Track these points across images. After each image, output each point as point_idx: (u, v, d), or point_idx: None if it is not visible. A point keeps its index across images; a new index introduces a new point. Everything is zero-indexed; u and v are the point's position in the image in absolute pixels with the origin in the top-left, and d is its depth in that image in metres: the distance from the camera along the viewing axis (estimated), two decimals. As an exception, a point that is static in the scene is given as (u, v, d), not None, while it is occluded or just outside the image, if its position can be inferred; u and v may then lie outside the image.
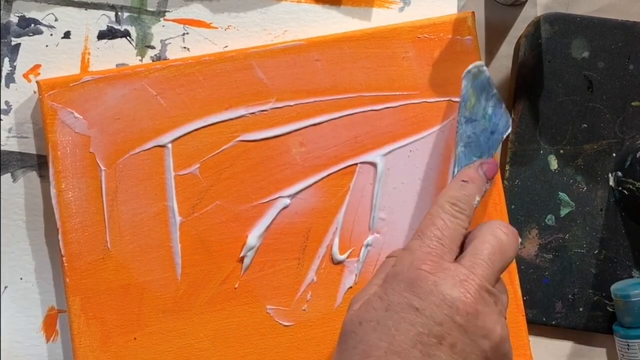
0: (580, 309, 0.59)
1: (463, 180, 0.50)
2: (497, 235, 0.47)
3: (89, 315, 0.58)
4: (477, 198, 0.49)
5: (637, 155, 0.58)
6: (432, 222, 0.47)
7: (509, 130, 0.58)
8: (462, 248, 0.47)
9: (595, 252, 0.59)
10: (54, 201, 0.58)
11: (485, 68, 0.56)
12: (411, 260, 0.45)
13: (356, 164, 0.59)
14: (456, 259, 0.46)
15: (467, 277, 0.44)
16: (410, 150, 0.59)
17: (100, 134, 0.58)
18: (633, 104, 0.59)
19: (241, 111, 0.59)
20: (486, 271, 0.45)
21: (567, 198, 0.59)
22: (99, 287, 0.58)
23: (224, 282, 0.58)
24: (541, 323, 0.59)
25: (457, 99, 0.58)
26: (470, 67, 0.55)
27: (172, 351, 0.58)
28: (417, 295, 0.43)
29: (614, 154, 0.59)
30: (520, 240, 0.49)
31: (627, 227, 0.59)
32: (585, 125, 0.59)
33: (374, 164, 0.59)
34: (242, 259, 0.58)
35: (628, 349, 0.56)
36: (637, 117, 0.59)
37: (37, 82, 0.59)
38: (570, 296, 0.59)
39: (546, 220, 0.59)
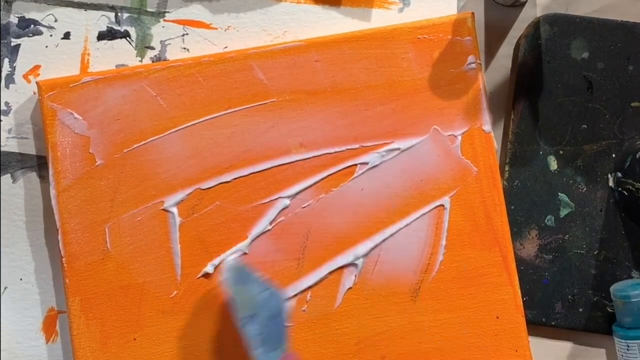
0: (580, 310, 0.59)
1: None
2: None
3: (88, 316, 0.58)
4: None
5: (637, 156, 0.58)
6: None
7: (287, 304, 0.57)
8: None
9: (595, 253, 0.59)
10: (53, 202, 0.58)
11: (236, 261, 0.56)
12: None
13: (356, 164, 0.59)
14: None
15: None
16: (410, 151, 0.59)
17: (100, 134, 0.58)
18: (632, 104, 0.59)
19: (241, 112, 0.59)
20: None
21: (567, 199, 0.59)
22: (98, 287, 0.58)
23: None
24: (541, 323, 0.59)
25: (452, 100, 0.58)
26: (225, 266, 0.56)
27: (172, 352, 0.58)
28: None
29: (614, 155, 0.59)
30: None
31: (626, 228, 0.59)
32: (585, 126, 0.59)
33: (373, 165, 0.59)
34: (241, 260, 0.58)
35: (627, 350, 0.56)
36: (637, 118, 0.59)
37: (36, 82, 0.59)
38: (569, 297, 0.59)
39: (546, 221, 0.59)
